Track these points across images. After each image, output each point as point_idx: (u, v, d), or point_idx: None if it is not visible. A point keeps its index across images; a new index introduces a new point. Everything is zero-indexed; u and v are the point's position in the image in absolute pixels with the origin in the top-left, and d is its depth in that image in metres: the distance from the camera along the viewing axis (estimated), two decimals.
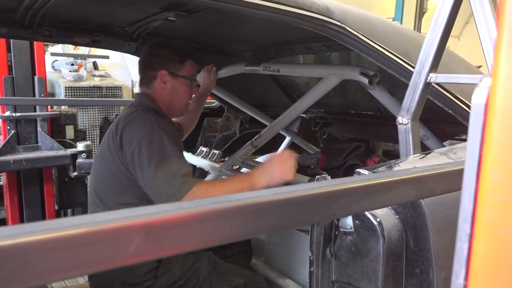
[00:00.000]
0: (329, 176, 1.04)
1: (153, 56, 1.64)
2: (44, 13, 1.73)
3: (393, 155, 2.58)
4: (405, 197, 0.63)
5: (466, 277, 0.29)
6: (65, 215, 3.76)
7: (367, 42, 1.20)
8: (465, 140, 2.15)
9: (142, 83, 1.67)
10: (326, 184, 0.54)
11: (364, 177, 0.58)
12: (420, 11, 8.77)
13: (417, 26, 8.60)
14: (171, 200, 1.33)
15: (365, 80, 1.43)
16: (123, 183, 1.47)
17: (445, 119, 1.74)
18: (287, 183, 1.56)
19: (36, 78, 2.82)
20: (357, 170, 0.96)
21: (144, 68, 1.66)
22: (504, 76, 0.27)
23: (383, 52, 1.22)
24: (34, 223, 0.35)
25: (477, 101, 0.30)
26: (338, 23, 1.18)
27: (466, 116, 1.36)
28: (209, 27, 1.98)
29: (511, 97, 0.27)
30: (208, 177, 2.35)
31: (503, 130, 0.27)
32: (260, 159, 2.45)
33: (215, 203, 0.44)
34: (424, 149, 1.38)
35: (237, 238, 0.45)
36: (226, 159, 2.33)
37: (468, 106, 1.35)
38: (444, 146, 1.78)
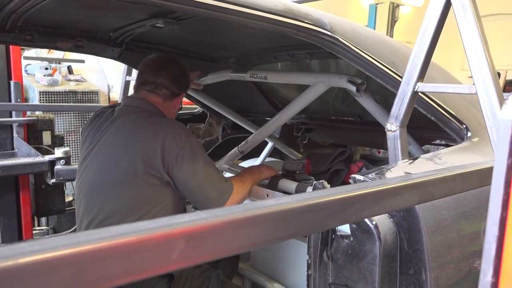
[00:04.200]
0: (326, 182, 1.07)
1: (185, 76, 1.71)
2: (27, 17, 1.70)
3: (370, 159, 2.66)
4: (409, 202, 0.67)
5: (496, 275, 0.33)
6: (39, 223, 3.66)
7: (358, 52, 1.25)
8: (440, 145, 2.24)
9: (161, 94, 1.63)
10: (342, 190, 0.57)
11: (374, 183, 0.62)
12: (392, 20, 9.06)
13: (390, 34, 8.86)
14: (218, 203, 1.46)
15: (353, 88, 1.48)
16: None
17: (423, 125, 1.81)
18: (275, 177, 1.76)
19: (12, 82, 2.74)
20: (352, 176, 1.00)
21: (172, 83, 1.65)
22: None
23: (372, 62, 1.27)
24: (86, 232, 0.36)
25: (505, 117, 0.34)
26: (331, 34, 1.22)
27: (447, 122, 1.43)
28: (194, 34, 1.99)
29: None
30: None
31: None
32: (244, 163, 2.48)
33: (246, 210, 0.46)
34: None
35: (266, 244, 0.47)
36: None
37: (449, 113, 1.42)
38: (423, 151, 1.86)
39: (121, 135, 1.52)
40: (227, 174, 2.07)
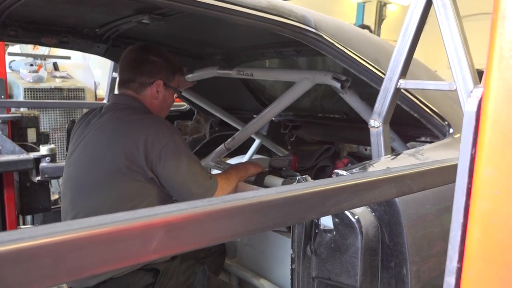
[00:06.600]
0: (309, 177, 1.08)
1: (148, 62, 1.62)
2: (11, 12, 1.68)
3: (358, 157, 2.68)
4: (387, 195, 0.68)
5: (461, 260, 0.34)
6: (24, 222, 3.62)
7: (342, 50, 1.26)
8: (425, 142, 2.28)
9: (128, 86, 1.61)
10: (321, 184, 0.58)
11: (352, 176, 0.63)
12: (380, 18, 9.14)
13: (377, 32, 8.95)
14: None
15: (338, 85, 1.50)
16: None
17: (407, 122, 1.84)
18: (261, 173, 1.76)
19: None
20: (335, 171, 1.02)
21: (134, 72, 1.61)
22: (495, 88, 0.32)
23: (356, 59, 1.28)
24: (65, 222, 0.37)
25: (469, 109, 0.35)
26: (315, 31, 1.24)
27: (430, 119, 1.45)
28: (181, 30, 1.99)
29: (501, 105, 0.32)
30: None
31: (494, 133, 0.32)
32: (231, 161, 2.49)
33: (225, 202, 0.47)
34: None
35: (245, 234, 0.48)
36: None
37: (432, 110, 1.45)
38: (407, 147, 1.89)
39: (106, 132, 1.52)
40: (214, 171, 2.07)
